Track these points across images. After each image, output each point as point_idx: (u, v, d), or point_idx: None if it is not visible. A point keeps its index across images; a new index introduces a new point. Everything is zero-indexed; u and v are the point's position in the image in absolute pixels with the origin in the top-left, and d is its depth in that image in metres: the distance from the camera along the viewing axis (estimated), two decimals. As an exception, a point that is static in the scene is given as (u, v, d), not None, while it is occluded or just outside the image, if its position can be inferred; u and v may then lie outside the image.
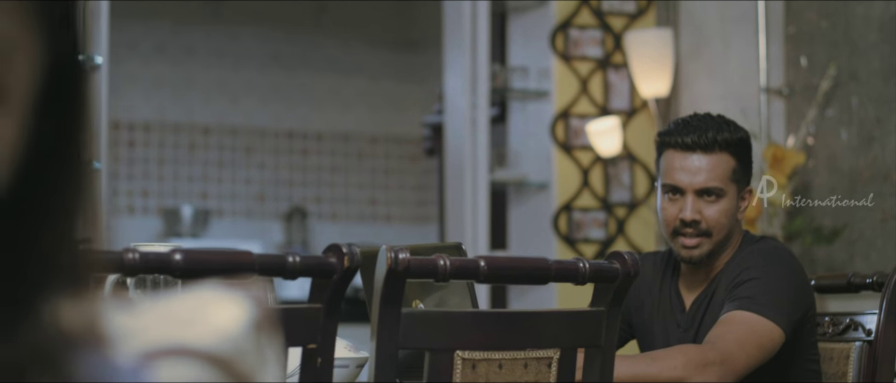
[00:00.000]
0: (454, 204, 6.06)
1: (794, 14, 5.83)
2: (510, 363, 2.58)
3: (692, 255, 3.19)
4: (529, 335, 2.60)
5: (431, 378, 2.52)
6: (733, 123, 3.24)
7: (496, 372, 2.56)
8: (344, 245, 2.54)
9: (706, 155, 3.17)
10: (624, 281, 2.62)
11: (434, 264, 2.49)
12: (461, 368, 2.54)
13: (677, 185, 3.19)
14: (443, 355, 2.51)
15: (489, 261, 2.55)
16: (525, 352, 2.59)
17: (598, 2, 6.28)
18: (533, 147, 6.28)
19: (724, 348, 3.00)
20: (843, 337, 3.30)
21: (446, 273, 2.50)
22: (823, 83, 5.63)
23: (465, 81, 6.03)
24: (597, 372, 2.65)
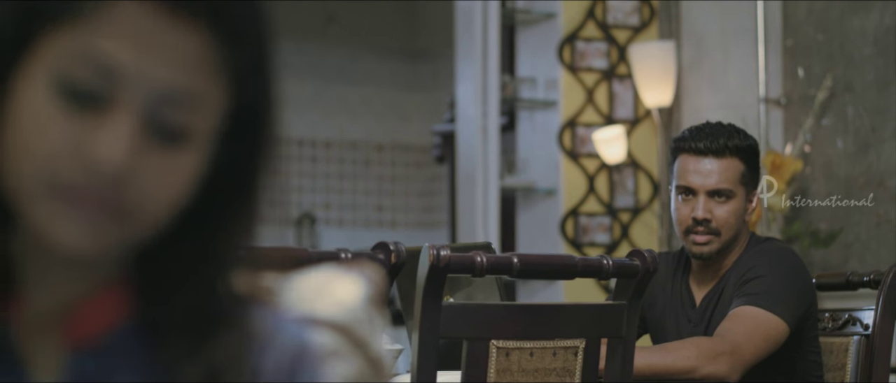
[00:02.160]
0: (465, 209, 6.16)
1: (791, 27, 5.92)
2: (540, 351, 2.72)
3: (703, 252, 3.32)
4: (558, 326, 2.74)
5: (469, 364, 2.66)
6: (743, 132, 3.39)
7: (527, 360, 2.70)
8: (390, 242, 2.73)
9: (717, 159, 3.30)
10: (644, 276, 2.78)
11: (472, 260, 2.65)
12: (496, 356, 2.67)
13: (690, 186, 3.32)
14: (479, 344, 2.66)
15: (521, 258, 2.71)
16: (554, 342, 2.73)
17: (604, 15, 6.36)
18: (541, 154, 6.35)
19: (733, 340, 3.11)
20: (843, 331, 3.38)
21: (483, 268, 2.66)
22: (820, 93, 5.73)
23: (476, 91, 6.12)
24: (618, 361, 2.80)
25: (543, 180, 6.35)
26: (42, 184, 1.01)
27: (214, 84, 1.03)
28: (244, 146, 1.07)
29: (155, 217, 1.03)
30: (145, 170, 1.01)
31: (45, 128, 1.00)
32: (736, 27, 6.10)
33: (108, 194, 1.00)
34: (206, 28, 1.02)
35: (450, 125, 6.87)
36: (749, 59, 6.02)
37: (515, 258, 2.72)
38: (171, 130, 1.02)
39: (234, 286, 1.10)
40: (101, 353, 1.07)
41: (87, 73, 1.00)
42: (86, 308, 1.07)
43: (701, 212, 3.31)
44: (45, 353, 1.06)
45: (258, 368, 1.09)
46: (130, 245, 1.05)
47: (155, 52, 1.01)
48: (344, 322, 1.35)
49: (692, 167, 3.33)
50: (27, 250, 1.06)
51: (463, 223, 6.16)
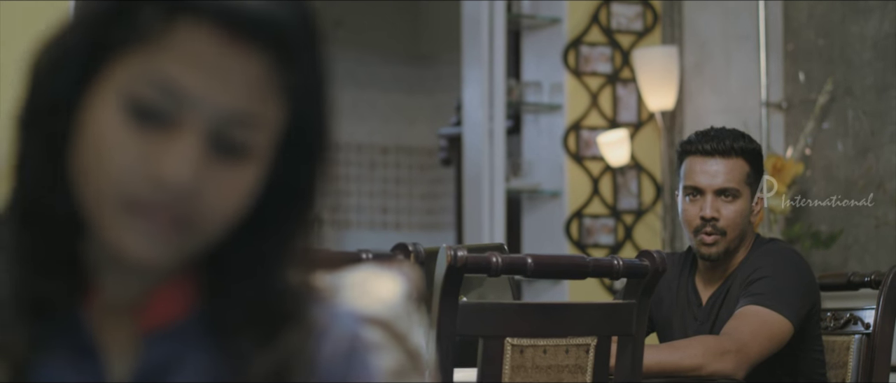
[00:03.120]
0: (472, 211, 6.18)
1: (792, 32, 5.96)
2: (553, 349, 2.79)
3: (710, 252, 3.38)
4: (570, 324, 2.81)
5: (485, 361, 2.73)
6: (748, 135, 3.46)
7: (541, 357, 2.77)
8: (409, 243, 2.81)
9: (724, 159, 3.38)
10: (653, 276, 2.85)
11: (488, 261, 2.72)
12: (510, 353, 2.75)
13: (698, 186, 3.39)
14: (495, 341, 2.73)
15: (535, 258, 2.79)
16: (566, 339, 2.80)
17: (608, 21, 6.39)
18: (546, 157, 6.38)
19: (739, 338, 3.18)
20: (844, 330, 3.44)
21: (498, 269, 2.73)
22: (820, 97, 5.77)
23: (483, 95, 6.14)
24: (628, 358, 2.87)
25: (548, 182, 6.38)
26: (114, 199, 1.08)
27: (273, 102, 1.10)
28: (301, 155, 1.14)
29: (218, 226, 1.10)
30: (210, 185, 1.08)
31: (116, 146, 1.07)
32: (737, 32, 6.13)
33: (176, 209, 1.07)
34: (265, 51, 1.08)
35: (456, 128, 6.91)
36: (751, 63, 6.05)
37: (529, 258, 2.79)
38: (233, 146, 1.08)
39: (293, 283, 1.17)
40: (172, 340, 1.15)
41: (155, 95, 1.06)
42: (156, 299, 1.14)
43: (708, 211, 3.37)
44: (119, 341, 1.14)
45: (315, 358, 1.17)
46: (195, 251, 1.12)
47: (217, 75, 1.07)
48: (385, 316, 1.44)
49: (699, 168, 3.40)
50: (98, 253, 1.12)
51: (469, 225, 6.20)
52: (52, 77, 1.10)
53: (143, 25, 1.07)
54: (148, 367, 1.14)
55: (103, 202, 1.08)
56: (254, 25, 1.08)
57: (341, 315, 1.21)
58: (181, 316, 1.16)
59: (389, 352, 1.42)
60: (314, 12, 1.13)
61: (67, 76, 1.09)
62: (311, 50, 1.12)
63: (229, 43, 1.07)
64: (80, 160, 1.09)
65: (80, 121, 1.09)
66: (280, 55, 1.09)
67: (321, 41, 1.13)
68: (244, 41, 1.07)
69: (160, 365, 1.14)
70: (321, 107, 1.14)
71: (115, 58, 1.08)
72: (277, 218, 1.16)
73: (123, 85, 1.07)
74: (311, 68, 1.12)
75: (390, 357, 1.42)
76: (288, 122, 1.13)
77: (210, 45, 1.07)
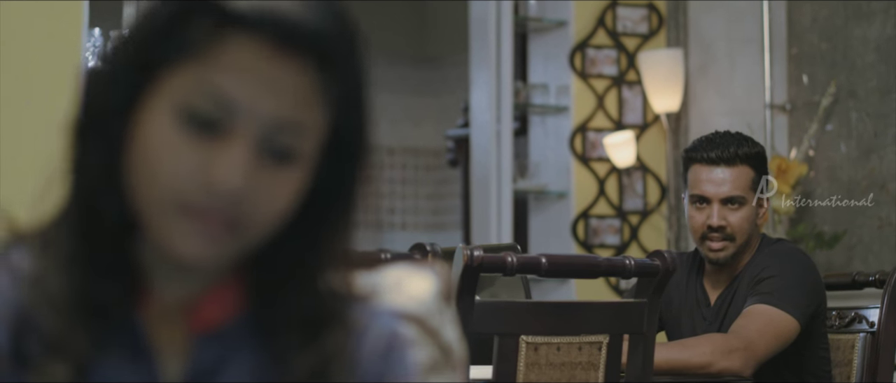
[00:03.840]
0: (479, 212, 6.22)
1: (796, 35, 6.00)
2: (567, 346, 2.82)
3: (718, 257, 3.40)
4: (583, 322, 2.85)
5: (500, 358, 2.76)
6: (751, 139, 3.46)
7: (555, 354, 2.81)
8: (426, 243, 2.86)
9: (729, 168, 3.39)
10: (664, 276, 2.88)
11: (503, 260, 2.76)
12: (525, 350, 2.78)
13: (704, 195, 3.40)
14: (510, 339, 2.76)
15: (549, 258, 2.83)
16: (579, 337, 2.83)
17: (614, 24, 6.43)
18: (553, 158, 6.41)
19: (746, 337, 3.21)
20: (849, 328, 3.46)
21: (514, 268, 2.77)
22: (824, 100, 5.82)
23: (490, 97, 6.18)
24: (639, 355, 2.90)
25: (555, 183, 6.41)
26: (167, 203, 1.13)
27: (317, 109, 1.15)
28: (342, 159, 1.20)
29: (266, 228, 1.16)
30: (258, 189, 1.13)
31: (171, 153, 1.12)
32: (742, 35, 6.17)
33: (227, 212, 1.13)
34: (310, 61, 1.14)
35: (463, 130, 6.94)
36: (755, 65, 6.09)
37: (544, 258, 2.82)
38: (280, 152, 1.14)
39: (334, 283, 1.23)
40: (221, 340, 1.20)
41: (207, 105, 1.12)
42: (206, 301, 1.20)
43: (715, 220, 3.39)
44: (172, 342, 1.19)
45: (356, 357, 1.22)
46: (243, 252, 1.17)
47: (265, 85, 1.12)
48: (419, 313, 1.50)
49: (705, 176, 3.41)
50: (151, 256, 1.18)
51: (477, 225, 6.23)
52: (108, 88, 1.16)
53: (195, 39, 1.12)
54: (199, 367, 1.19)
55: (158, 206, 1.13)
56: (299, 38, 1.13)
57: (379, 314, 1.26)
58: (229, 317, 1.21)
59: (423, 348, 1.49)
60: (354, 23, 1.18)
61: (123, 87, 1.15)
62: (352, 59, 1.17)
63: (276, 54, 1.12)
64: (134, 166, 1.14)
65: (133, 129, 1.14)
66: (323, 65, 1.14)
67: (361, 51, 1.19)
68: (290, 52, 1.13)
69: (210, 365, 1.19)
70: (361, 114, 1.20)
71: (167, 70, 1.13)
72: (319, 220, 1.21)
73: (177, 95, 1.12)
74: (351, 76, 1.18)
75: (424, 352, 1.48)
76: (330, 128, 1.18)
77: (258, 57, 1.12)
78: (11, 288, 1.17)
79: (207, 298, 1.20)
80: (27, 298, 1.16)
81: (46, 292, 1.16)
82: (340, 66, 1.16)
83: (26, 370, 1.15)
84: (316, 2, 1.15)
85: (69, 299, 1.15)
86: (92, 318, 1.16)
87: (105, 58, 1.18)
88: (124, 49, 1.16)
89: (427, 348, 1.49)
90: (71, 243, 1.17)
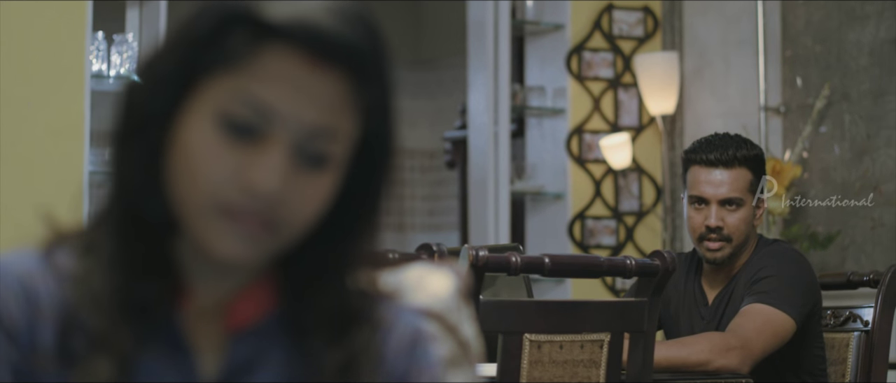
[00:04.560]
0: (477, 212, 6.25)
1: (790, 38, 6.03)
2: (569, 344, 2.86)
3: (716, 257, 3.44)
4: (585, 321, 2.88)
5: (505, 356, 2.80)
6: (749, 142, 3.49)
7: (558, 352, 2.85)
8: (433, 243, 2.92)
9: (727, 170, 3.42)
10: (664, 275, 2.93)
11: (507, 260, 2.81)
12: (529, 348, 2.82)
13: (703, 197, 3.44)
14: (514, 337, 2.80)
15: (552, 258, 2.88)
16: (581, 335, 2.87)
17: (610, 27, 6.46)
18: (549, 160, 6.44)
19: (743, 335, 3.24)
20: (844, 327, 3.49)
21: (518, 268, 2.82)
22: (818, 102, 5.85)
23: (488, 100, 6.21)
24: (640, 353, 2.94)
25: (552, 185, 6.45)
26: (207, 205, 1.18)
27: (348, 116, 1.20)
28: (370, 166, 1.25)
29: (299, 228, 1.21)
30: (294, 192, 1.18)
31: (212, 158, 1.17)
32: (737, 38, 6.20)
33: (264, 213, 1.17)
34: (343, 72, 1.18)
35: (461, 132, 6.98)
36: (749, 68, 6.12)
37: (547, 258, 2.87)
38: (314, 157, 1.19)
39: (361, 283, 1.28)
40: (255, 339, 1.25)
41: (246, 112, 1.17)
42: (240, 301, 1.25)
43: (713, 221, 3.43)
44: (208, 340, 1.24)
45: (382, 353, 1.27)
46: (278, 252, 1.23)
47: (301, 94, 1.17)
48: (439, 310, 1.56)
49: (704, 178, 3.45)
50: (190, 256, 1.22)
51: (475, 226, 6.26)
52: (150, 95, 1.20)
53: (235, 49, 1.17)
54: (234, 364, 1.24)
55: (198, 207, 1.18)
56: (333, 49, 1.18)
57: (404, 311, 1.32)
58: (263, 316, 1.26)
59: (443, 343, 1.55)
60: (384, 36, 1.23)
61: (164, 94, 1.19)
62: (382, 69, 1.22)
63: (311, 65, 1.17)
64: (175, 170, 1.19)
65: (174, 134, 1.19)
66: (356, 75, 1.19)
67: (389, 61, 1.23)
68: (324, 63, 1.18)
69: (245, 361, 1.25)
70: (389, 121, 1.24)
71: (208, 78, 1.18)
72: (348, 222, 1.26)
73: (217, 102, 1.17)
74: (381, 86, 1.22)
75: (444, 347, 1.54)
76: (360, 134, 1.23)
77: (294, 67, 1.17)
78: (57, 287, 1.21)
79: (242, 298, 1.25)
80: (72, 297, 1.20)
81: (90, 291, 1.20)
82: (371, 76, 1.20)
83: (72, 367, 1.19)
84: (348, 14, 1.20)
85: (112, 298, 1.20)
86: (134, 317, 1.20)
87: (147, 66, 1.22)
88: (166, 57, 1.21)
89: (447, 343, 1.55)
90: (113, 244, 1.21)
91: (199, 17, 1.20)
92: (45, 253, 1.24)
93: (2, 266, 1.22)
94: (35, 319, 1.20)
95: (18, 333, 1.20)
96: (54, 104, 5.29)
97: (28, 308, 1.20)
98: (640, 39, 6.52)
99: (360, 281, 1.28)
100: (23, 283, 1.21)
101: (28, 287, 1.21)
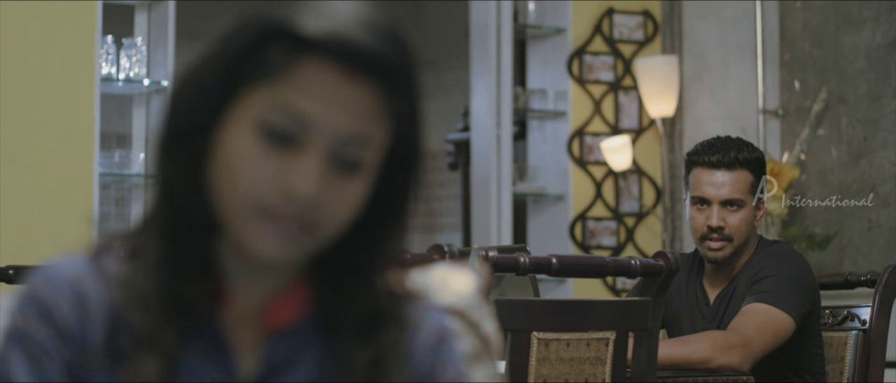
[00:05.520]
0: (479, 214, 6.29)
1: (788, 42, 6.06)
2: (576, 342, 2.88)
3: (717, 257, 3.48)
4: (591, 320, 2.90)
5: (513, 354, 2.82)
6: (751, 144, 3.54)
7: (564, 350, 2.88)
8: (444, 244, 2.97)
9: (729, 171, 3.47)
10: (667, 275, 2.95)
11: (516, 261, 2.85)
12: (536, 346, 2.85)
13: (705, 197, 3.48)
14: (521, 335, 2.83)
15: (560, 259, 2.92)
16: (588, 334, 2.89)
17: (610, 31, 6.50)
18: (551, 162, 6.48)
19: (744, 334, 3.28)
20: (842, 326, 3.52)
21: (526, 268, 2.86)
22: (815, 105, 5.88)
23: (490, 102, 6.25)
24: (644, 351, 2.97)
25: (553, 186, 6.49)
26: (248, 208, 1.23)
27: (380, 124, 1.26)
28: (399, 170, 1.31)
29: (334, 230, 1.27)
30: (328, 195, 1.24)
31: (252, 164, 1.23)
32: (735, 42, 6.22)
33: (302, 216, 1.23)
34: (375, 83, 1.24)
35: (463, 134, 7.02)
36: (748, 72, 6.15)
37: (554, 259, 2.91)
38: (348, 163, 1.24)
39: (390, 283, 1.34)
40: (291, 338, 1.31)
41: (284, 121, 1.22)
42: (277, 303, 1.31)
43: (715, 221, 3.47)
44: (246, 340, 1.30)
45: (410, 350, 1.33)
46: (313, 253, 1.29)
47: (336, 103, 1.22)
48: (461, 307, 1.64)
49: (706, 179, 3.50)
50: (231, 259, 1.28)
51: (477, 227, 6.30)
52: (193, 105, 1.26)
53: (273, 62, 1.23)
54: (272, 364, 1.30)
55: (240, 210, 1.24)
56: (366, 61, 1.23)
57: (430, 310, 1.38)
58: (298, 318, 1.32)
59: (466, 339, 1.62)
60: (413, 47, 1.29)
61: (206, 104, 1.25)
62: (411, 79, 1.28)
63: (345, 76, 1.23)
64: (217, 175, 1.25)
65: (216, 142, 1.25)
66: (386, 85, 1.25)
67: (418, 70, 1.30)
68: (358, 74, 1.23)
69: (282, 361, 1.30)
70: (417, 128, 1.31)
71: (247, 89, 1.24)
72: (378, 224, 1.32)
73: (256, 111, 1.23)
74: (410, 94, 1.28)
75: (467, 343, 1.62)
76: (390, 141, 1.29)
77: (329, 78, 1.22)
78: (105, 290, 1.27)
79: (278, 300, 1.31)
80: (119, 299, 1.26)
81: (136, 293, 1.26)
82: (401, 85, 1.26)
83: (120, 365, 1.25)
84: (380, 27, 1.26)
85: (157, 299, 1.26)
86: (178, 317, 1.26)
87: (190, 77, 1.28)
88: (208, 69, 1.26)
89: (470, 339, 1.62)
90: (158, 247, 1.27)
91: (239, 31, 1.26)
92: (93, 256, 1.29)
93: (54, 270, 1.28)
94: (86, 320, 1.26)
95: (71, 333, 1.25)
96: (64, 107, 5.33)
97: (79, 309, 1.26)
98: (640, 43, 6.56)
99: (390, 281, 1.34)
100: (74, 286, 1.27)
101: (78, 289, 1.26)
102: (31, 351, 1.25)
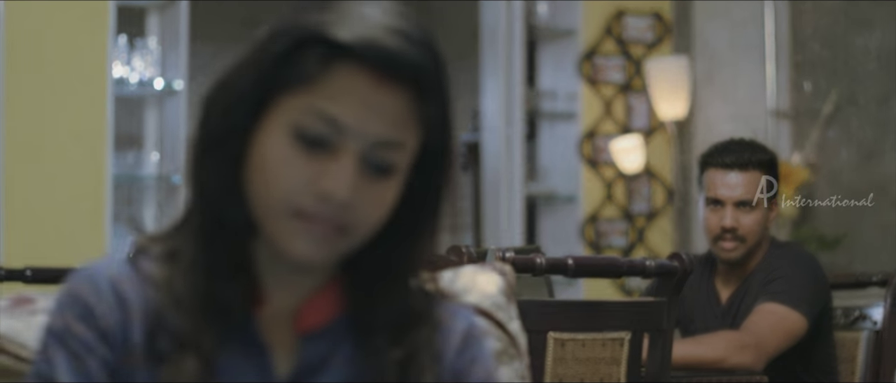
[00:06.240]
0: (491, 214, 6.32)
1: (799, 44, 6.10)
2: (591, 342, 2.91)
3: (730, 257, 3.52)
4: (607, 320, 2.92)
5: (530, 353, 2.65)
6: (764, 146, 3.59)
7: (580, 349, 2.90)
8: (462, 245, 2.99)
9: (742, 173, 3.51)
10: (682, 276, 2.95)
11: (532, 261, 2.88)
12: (553, 346, 2.88)
13: (718, 198, 3.52)
14: (539, 335, 2.85)
15: (576, 259, 2.93)
16: (603, 334, 2.91)
17: (621, 32, 6.54)
18: (561, 163, 6.52)
19: (758, 333, 3.32)
20: (854, 326, 3.55)
21: (542, 268, 2.89)
22: (826, 106, 5.92)
23: (501, 104, 6.28)
24: (659, 351, 2.98)
25: (564, 187, 6.52)
26: (284, 210, 1.26)
27: (411, 129, 1.29)
28: (430, 173, 1.33)
29: (366, 232, 1.30)
30: (362, 198, 1.26)
31: (287, 167, 1.25)
32: (746, 43, 6.25)
33: (336, 218, 1.26)
34: (407, 88, 1.27)
35: (474, 135, 7.05)
36: (758, 73, 6.18)
37: (570, 259, 2.93)
38: (380, 167, 1.27)
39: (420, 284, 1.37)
40: (324, 339, 1.34)
41: (319, 126, 1.25)
42: (311, 303, 1.34)
43: (729, 221, 3.51)
44: (281, 340, 1.33)
45: (441, 349, 1.36)
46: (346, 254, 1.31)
47: (369, 108, 1.25)
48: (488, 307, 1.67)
49: (720, 180, 3.54)
50: (266, 260, 1.31)
51: (489, 228, 6.32)
52: (230, 110, 1.29)
53: (307, 69, 1.26)
54: (306, 364, 1.33)
55: (275, 212, 1.27)
56: (398, 67, 1.26)
57: (459, 310, 1.41)
58: (330, 319, 1.35)
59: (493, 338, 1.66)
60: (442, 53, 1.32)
61: (243, 109, 1.28)
62: (441, 84, 1.31)
63: (378, 82, 1.25)
64: (253, 178, 1.28)
65: (252, 146, 1.28)
66: (418, 90, 1.28)
67: (447, 76, 1.32)
68: (390, 80, 1.26)
69: (316, 362, 1.33)
70: (447, 132, 1.33)
71: (282, 94, 1.27)
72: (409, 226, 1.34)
73: (291, 116, 1.26)
74: (440, 100, 1.31)
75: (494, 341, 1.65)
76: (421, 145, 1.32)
77: (363, 84, 1.25)
78: (144, 291, 1.30)
79: (312, 302, 1.34)
80: (158, 300, 1.29)
81: (175, 294, 1.29)
82: (431, 91, 1.29)
83: (160, 365, 1.28)
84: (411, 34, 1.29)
85: (195, 301, 1.29)
86: (216, 318, 1.28)
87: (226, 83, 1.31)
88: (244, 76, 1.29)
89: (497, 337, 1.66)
90: (196, 250, 1.30)
91: (275, 38, 1.29)
92: (133, 258, 1.33)
93: (95, 272, 1.31)
94: (126, 321, 1.29)
95: (113, 334, 1.29)
96: (77, 108, 5.37)
97: (120, 310, 1.29)
98: (651, 44, 6.60)
99: (420, 282, 1.37)
100: (114, 288, 1.30)
101: (119, 291, 1.30)
102: (73, 350, 1.28)
